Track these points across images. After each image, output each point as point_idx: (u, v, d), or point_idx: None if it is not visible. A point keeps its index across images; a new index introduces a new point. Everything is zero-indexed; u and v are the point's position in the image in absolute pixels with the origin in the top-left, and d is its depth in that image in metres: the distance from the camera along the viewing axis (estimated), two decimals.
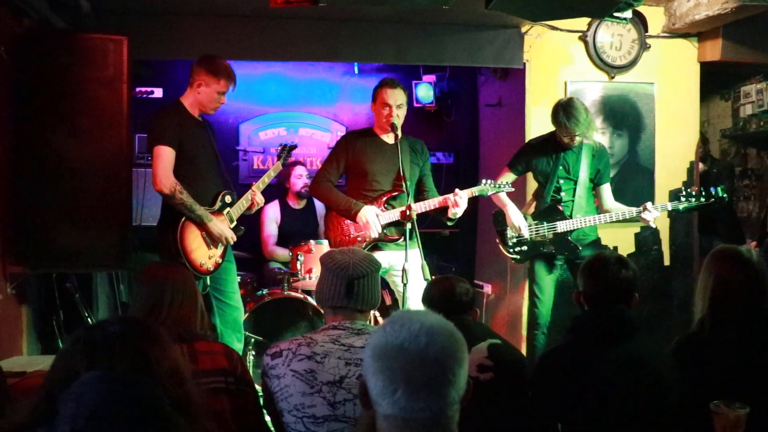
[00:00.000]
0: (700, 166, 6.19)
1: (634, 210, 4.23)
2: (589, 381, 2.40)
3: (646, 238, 5.27)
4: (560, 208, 4.36)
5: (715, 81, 6.36)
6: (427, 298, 2.96)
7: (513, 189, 4.32)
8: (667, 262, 5.33)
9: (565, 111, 4.19)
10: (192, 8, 4.59)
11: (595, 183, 4.42)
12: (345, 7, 4.51)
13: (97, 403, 1.31)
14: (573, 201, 4.35)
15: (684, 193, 4.19)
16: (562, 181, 4.38)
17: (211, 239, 3.90)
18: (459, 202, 4.03)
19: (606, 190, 4.46)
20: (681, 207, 4.19)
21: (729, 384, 2.36)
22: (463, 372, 1.40)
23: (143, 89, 5.90)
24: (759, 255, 2.58)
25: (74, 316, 4.35)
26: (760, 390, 2.33)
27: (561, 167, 4.36)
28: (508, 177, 4.48)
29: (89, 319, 4.43)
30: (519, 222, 4.38)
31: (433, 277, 3.58)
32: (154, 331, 1.54)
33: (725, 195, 4.13)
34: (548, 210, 4.39)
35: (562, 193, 4.38)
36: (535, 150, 4.47)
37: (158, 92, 6.00)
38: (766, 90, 6.63)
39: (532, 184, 4.81)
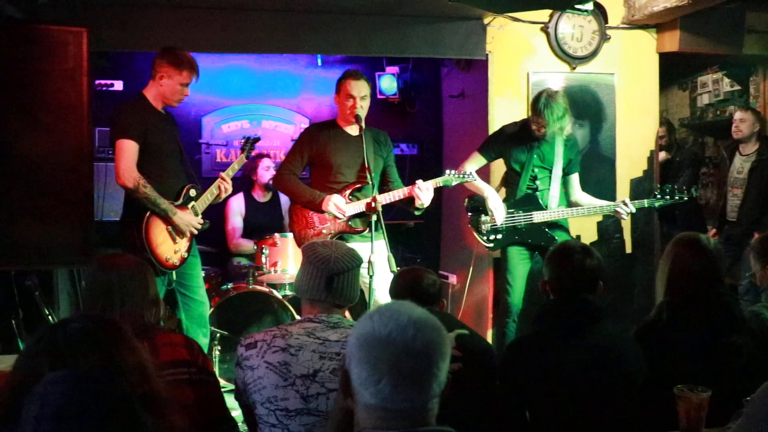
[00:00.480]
0: (663, 154, 6.31)
1: (611, 205, 4.34)
2: (555, 368, 2.44)
3: (608, 226, 5.34)
4: (536, 197, 4.38)
5: (674, 71, 6.45)
6: (395, 290, 2.95)
7: (477, 179, 4.33)
8: (629, 249, 5.41)
9: (546, 101, 4.19)
10: None
11: (565, 173, 4.45)
12: None
13: (62, 403, 1.28)
14: (548, 190, 4.38)
15: (659, 190, 4.32)
16: (537, 170, 4.39)
17: (177, 233, 3.85)
18: (422, 193, 4.04)
19: (575, 179, 4.50)
20: (657, 204, 4.31)
21: (689, 367, 2.42)
22: (446, 366, 1.42)
23: (103, 82, 5.79)
24: (718, 242, 2.66)
25: (35, 314, 4.27)
26: (718, 372, 2.39)
27: (536, 156, 4.37)
28: (478, 161, 4.48)
29: (50, 318, 4.35)
30: (499, 209, 4.34)
31: (399, 268, 3.57)
32: (117, 328, 1.52)
33: (698, 195, 4.25)
34: (524, 199, 4.39)
35: (538, 182, 4.39)
36: (510, 137, 4.45)
37: (118, 85, 5.91)
38: (722, 80, 6.76)
39: (496, 172, 4.83)
